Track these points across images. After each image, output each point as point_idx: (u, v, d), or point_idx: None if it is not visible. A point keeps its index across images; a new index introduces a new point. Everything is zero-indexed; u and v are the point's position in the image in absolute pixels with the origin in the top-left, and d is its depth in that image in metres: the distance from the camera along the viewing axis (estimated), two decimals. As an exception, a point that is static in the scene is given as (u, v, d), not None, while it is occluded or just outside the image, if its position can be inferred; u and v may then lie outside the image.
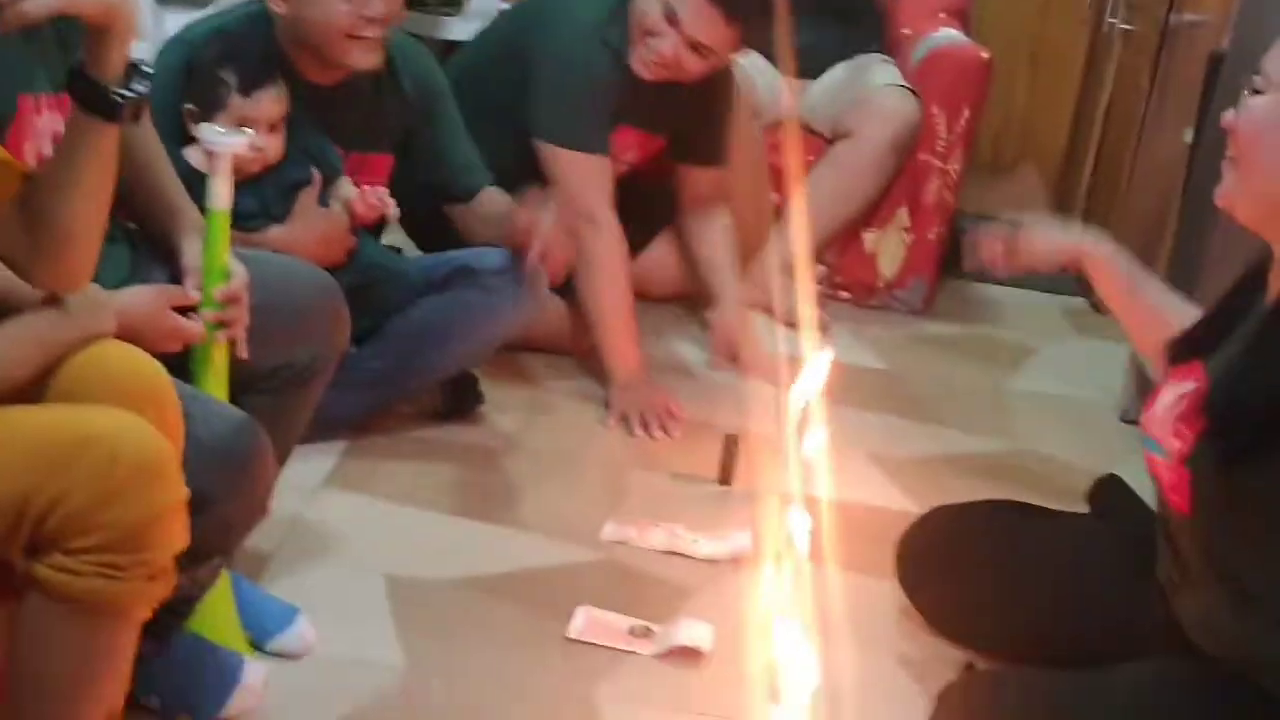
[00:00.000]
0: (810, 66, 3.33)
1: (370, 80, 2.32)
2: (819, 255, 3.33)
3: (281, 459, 1.84)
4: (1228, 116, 1.57)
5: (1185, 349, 1.67)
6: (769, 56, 3.31)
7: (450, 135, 2.49)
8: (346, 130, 2.31)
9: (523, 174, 2.57)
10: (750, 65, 3.28)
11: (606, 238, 2.65)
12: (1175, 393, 1.59)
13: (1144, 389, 2.64)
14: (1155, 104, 3.42)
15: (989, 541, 1.91)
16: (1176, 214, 3.16)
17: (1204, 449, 1.51)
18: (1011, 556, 1.88)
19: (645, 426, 2.60)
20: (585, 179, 2.64)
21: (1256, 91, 1.53)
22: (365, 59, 2.24)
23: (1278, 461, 1.45)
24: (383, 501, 2.22)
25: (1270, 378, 1.47)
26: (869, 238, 3.42)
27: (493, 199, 2.51)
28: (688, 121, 2.85)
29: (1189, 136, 3.28)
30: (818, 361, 2.19)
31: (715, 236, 3.00)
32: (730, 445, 2.41)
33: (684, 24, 2.58)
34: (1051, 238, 1.94)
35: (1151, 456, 1.61)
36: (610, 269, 2.66)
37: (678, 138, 2.90)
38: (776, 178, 3.32)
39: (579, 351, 2.79)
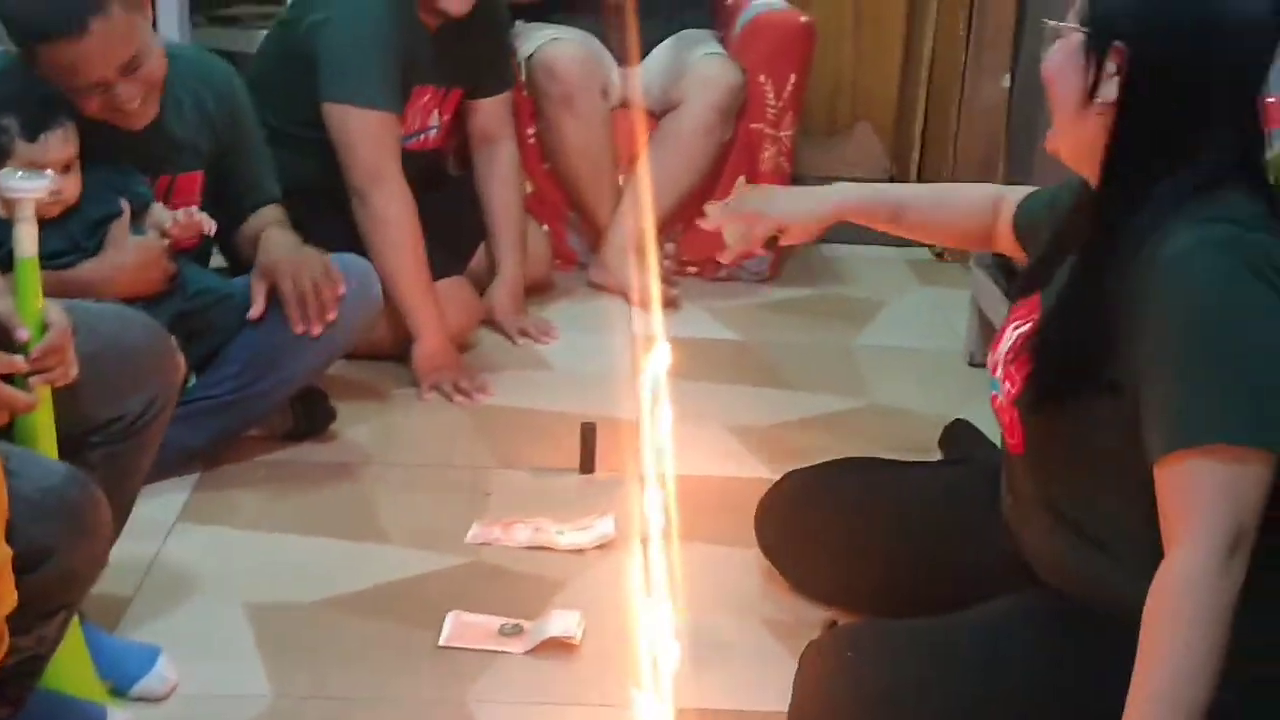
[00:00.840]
0: (641, 46, 3.35)
1: (170, 101, 2.26)
2: (664, 233, 3.36)
3: (126, 507, 1.81)
4: (1043, 66, 1.60)
5: (1025, 285, 1.68)
6: (604, 40, 3.33)
7: (242, 153, 2.43)
8: (149, 154, 2.26)
9: (325, 187, 2.54)
10: (598, 50, 3.30)
11: (397, 199, 2.64)
12: (1015, 332, 1.61)
13: (988, 332, 2.71)
14: (974, 53, 3.50)
15: (842, 498, 1.94)
16: (1003, 156, 3.24)
17: (1028, 388, 1.55)
18: (864, 511, 1.92)
19: (462, 393, 2.64)
20: (376, 139, 2.61)
21: (1056, 36, 1.57)
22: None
23: (1093, 406, 1.48)
24: (239, 531, 2.19)
25: (1077, 320, 1.49)
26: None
27: (260, 217, 2.45)
28: (475, 63, 2.89)
29: (1006, 81, 3.38)
30: (662, 340, 2.20)
31: (504, 174, 3.01)
32: (587, 434, 2.42)
33: None
34: (797, 212, 1.97)
35: (994, 396, 1.64)
36: (401, 231, 2.65)
37: (470, 82, 2.92)
38: (618, 159, 3.35)
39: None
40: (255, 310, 2.31)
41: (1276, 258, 1.40)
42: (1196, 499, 1.36)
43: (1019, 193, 1.87)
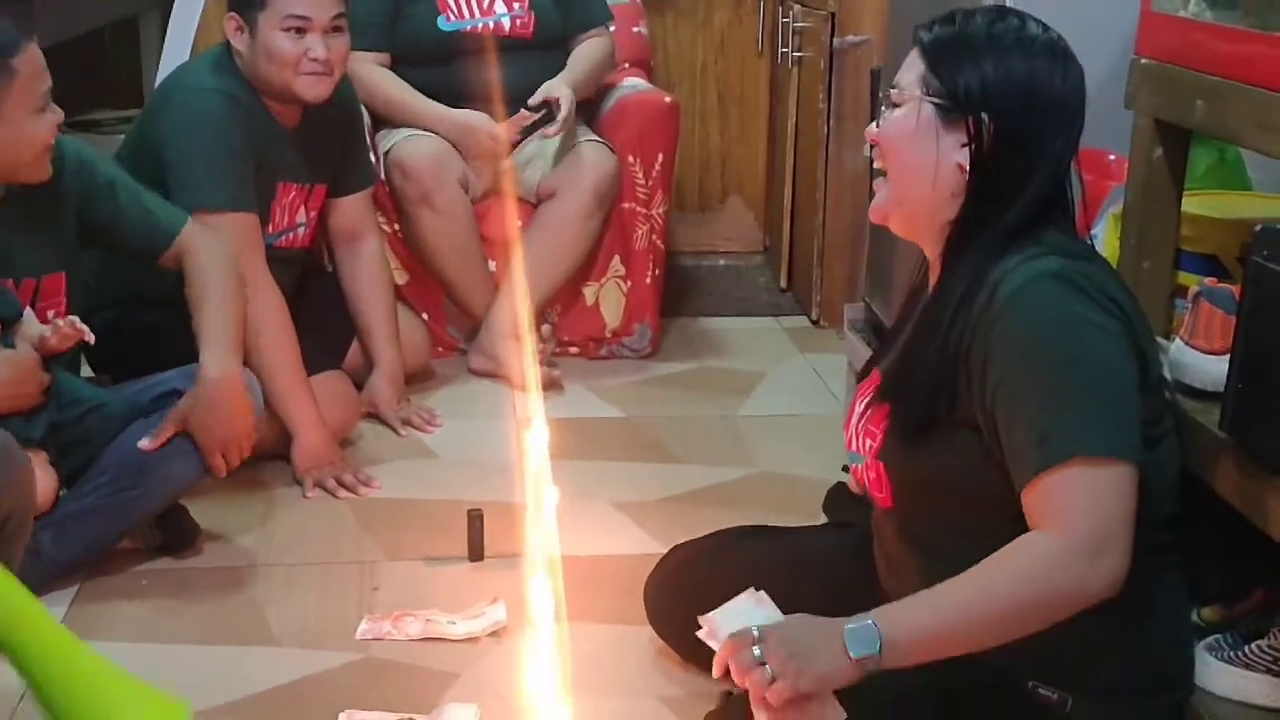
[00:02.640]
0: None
1: (28, 199, 2.23)
2: (542, 315, 3.38)
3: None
4: (870, 130, 1.67)
5: (867, 366, 1.77)
6: None
7: (125, 202, 2.38)
8: (15, 257, 2.23)
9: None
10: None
11: (266, 297, 2.62)
12: (862, 403, 1.67)
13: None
14: (834, 124, 3.59)
15: (726, 567, 1.94)
16: (868, 226, 3.32)
17: (889, 437, 1.60)
18: (749, 578, 1.92)
19: (346, 487, 2.64)
20: (236, 240, 2.57)
21: (894, 105, 1.63)
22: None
23: (951, 441, 1.55)
24: (122, 643, 2.13)
25: (926, 353, 1.57)
26: (588, 291, 3.48)
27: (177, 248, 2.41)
28: (335, 160, 2.93)
29: (867, 150, 3.46)
30: (540, 422, 2.21)
31: (370, 270, 3.03)
32: (475, 521, 2.41)
33: (313, 18, 2.68)
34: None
35: (855, 468, 1.69)
36: (273, 329, 2.63)
37: (331, 179, 2.95)
38: (490, 246, 3.36)
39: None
40: (152, 444, 2.27)
41: (1100, 280, 1.52)
42: (1059, 506, 1.43)
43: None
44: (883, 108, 1.67)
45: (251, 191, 2.69)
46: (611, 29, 3.52)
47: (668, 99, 3.53)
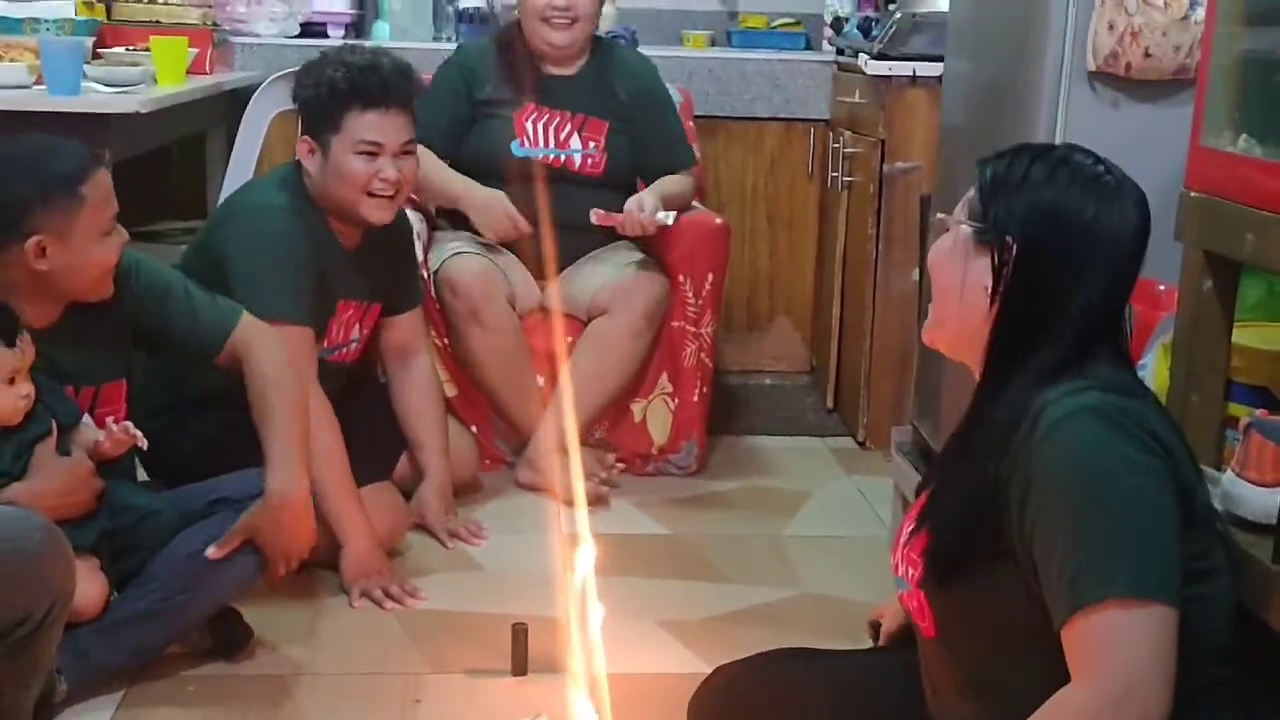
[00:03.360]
0: (566, 255, 3.44)
1: (86, 311, 2.29)
2: (590, 431, 3.40)
3: (27, 710, 1.78)
4: (930, 256, 1.70)
5: (919, 489, 1.77)
6: (520, 256, 3.42)
7: (176, 303, 2.42)
8: (76, 366, 2.28)
9: (242, 400, 2.56)
10: (503, 262, 3.38)
11: (317, 409, 2.64)
12: (908, 529, 1.68)
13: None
14: (883, 248, 3.63)
15: (773, 691, 1.93)
16: (916, 347, 3.33)
17: (928, 568, 1.60)
18: (797, 704, 1.91)
19: (392, 598, 2.65)
20: (290, 353, 2.58)
21: (945, 230, 1.67)
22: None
23: (993, 574, 1.53)
24: (166, 750, 2.15)
25: (959, 492, 1.57)
26: (636, 408, 3.50)
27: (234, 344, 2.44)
28: (390, 279, 2.99)
29: (915, 275, 3.50)
30: (587, 539, 2.21)
31: (422, 384, 3.08)
32: (519, 635, 2.40)
33: (385, 143, 2.76)
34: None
35: (902, 594, 1.69)
36: (323, 440, 2.65)
37: (386, 297, 3.01)
38: (538, 360, 3.40)
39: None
40: (218, 553, 2.30)
41: (1141, 415, 1.51)
42: (1089, 653, 1.42)
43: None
44: (933, 235, 1.71)
45: (310, 306, 2.75)
46: (696, 172, 3.61)
47: (718, 220, 3.59)
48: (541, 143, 3.44)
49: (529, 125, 3.44)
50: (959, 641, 1.61)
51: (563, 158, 3.44)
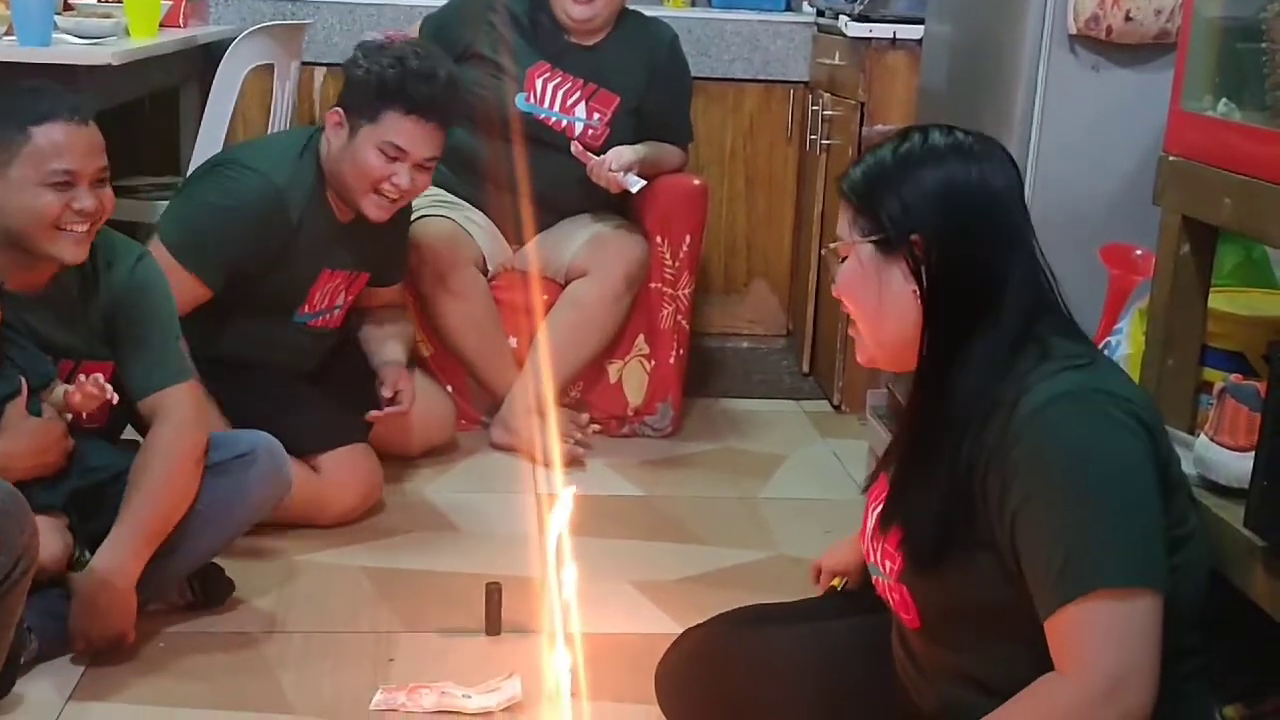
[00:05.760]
0: (540, 219, 3.42)
1: (76, 283, 2.26)
2: (566, 391, 3.39)
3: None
4: (833, 289, 1.66)
5: (873, 472, 1.74)
6: (494, 217, 3.40)
7: (145, 335, 2.32)
8: (57, 339, 2.24)
9: (248, 355, 2.54)
10: (468, 220, 3.36)
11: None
12: (873, 514, 1.66)
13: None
14: (861, 211, 3.62)
15: (737, 650, 1.92)
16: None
17: (907, 562, 1.58)
18: (763, 669, 1.90)
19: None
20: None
21: (842, 259, 1.63)
22: (72, 252, 2.18)
23: (974, 562, 1.52)
24: (135, 707, 2.13)
25: (935, 477, 1.54)
26: (612, 369, 3.50)
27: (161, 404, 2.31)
28: (382, 254, 3.00)
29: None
30: (564, 498, 2.21)
31: (391, 327, 3.10)
32: (493, 594, 2.40)
33: (410, 152, 2.76)
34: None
35: (877, 580, 1.68)
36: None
37: (375, 270, 3.01)
38: (513, 318, 3.38)
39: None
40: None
41: (1118, 395, 1.49)
42: (1079, 645, 1.42)
43: None
44: (834, 263, 1.66)
45: (220, 270, 2.73)
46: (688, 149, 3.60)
47: (696, 181, 3.57)
48: (547, 103, 3.40)
49: (539, 83, 3.39)
50: (944, 631, 1.60)
51: (564, 122, 3.39)
